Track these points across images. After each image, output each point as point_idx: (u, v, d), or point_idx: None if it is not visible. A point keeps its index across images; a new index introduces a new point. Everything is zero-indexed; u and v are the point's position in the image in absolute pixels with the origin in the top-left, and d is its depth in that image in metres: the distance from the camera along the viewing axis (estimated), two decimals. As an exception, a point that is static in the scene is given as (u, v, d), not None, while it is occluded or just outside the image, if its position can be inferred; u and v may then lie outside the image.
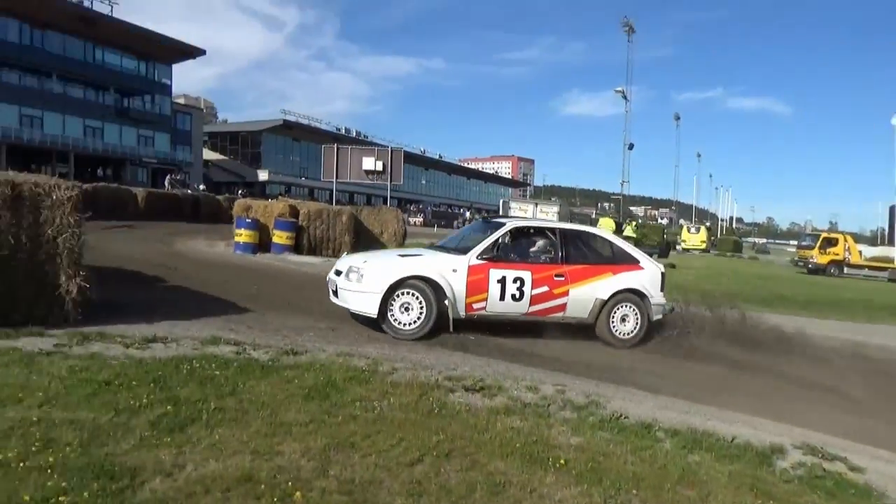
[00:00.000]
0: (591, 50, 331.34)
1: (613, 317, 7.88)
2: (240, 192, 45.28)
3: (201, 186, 46.22)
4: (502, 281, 7.44)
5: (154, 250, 13.62)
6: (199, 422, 3.64)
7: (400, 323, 7.09)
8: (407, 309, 7.10)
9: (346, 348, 6.02)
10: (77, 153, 47.06)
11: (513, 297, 7.49)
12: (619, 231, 28.75)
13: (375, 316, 7.04)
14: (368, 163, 19.39)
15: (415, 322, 7.11)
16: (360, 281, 7.12)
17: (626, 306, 7.92)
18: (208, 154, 66.02)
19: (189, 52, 55.43)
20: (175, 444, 3.30)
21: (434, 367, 5.65)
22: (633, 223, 28.28)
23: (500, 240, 7.73)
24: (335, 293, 7.48)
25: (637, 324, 7.94)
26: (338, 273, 7.52)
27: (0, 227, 5.15)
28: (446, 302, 7.20)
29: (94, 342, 5.15)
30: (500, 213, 28.53)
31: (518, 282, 7.49)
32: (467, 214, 79.32)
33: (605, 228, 24.34)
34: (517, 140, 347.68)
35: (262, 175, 64.12)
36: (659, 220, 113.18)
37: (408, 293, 7.11)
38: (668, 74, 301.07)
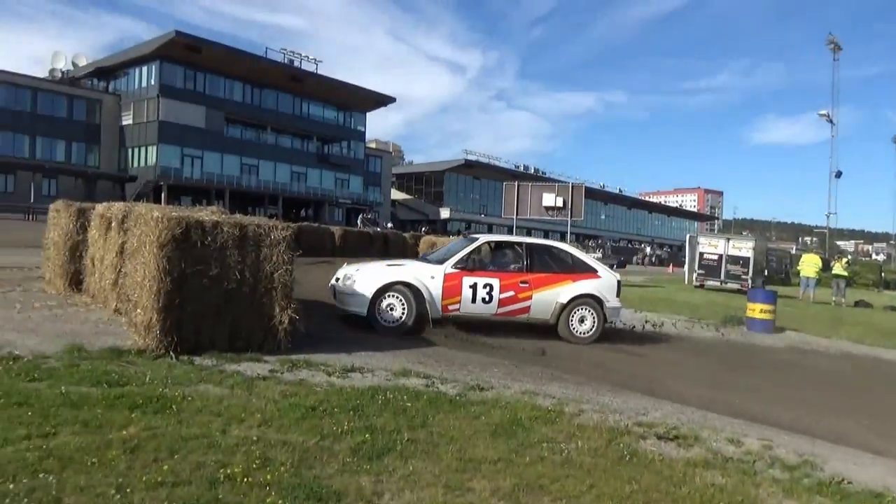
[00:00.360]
0: (789, 71, 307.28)
1: (573, 318, 9.08)
2: (423, 229, 47.56)
3: (389, 224, 49.38)
4: (474, 286, 8.72)
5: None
6: (394, 451, 3.79)
7: (385, 321, 8.26)
8: (391, 309, 8.31)
9: (531, 386, 5.99)
10: (285, 196, 52.78)
11: (483, 300, 8.76)
12: (826, 268, 25.76)
13: (366, 315, 8.24)
14: (549, 199, 19.36)
15: (398, 320, 8.28)
16: (354, 286, 8.41)
17: (583, 309, 9.10)
18: (395, 194, 70.37)
19: (382, 100, 60.05)
20: (373, 471, 3.47)
21: (623, 411, 5.41)
22: (844, 259, 25.20)
23: (473, 252, 9.06)
24: (334, 297, 8.77)
25: (594, 324, 9.11)
26: (336, 280, 8.84)
27: (229, 264, 5.87)
28: (426, 304, 8.40)
29: (302, 369, 5.64)
30: (687, 249, 26.92)
31: (487, 287, 8.75)
32: (648, 250, 76.17)
33: (810, 265, 22.15)
34: (704, 171, 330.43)
35: (444, 213, 66.81)
36: (873, 256, 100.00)
37: (392, 296, 8.33)
38: (881, 93, 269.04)
